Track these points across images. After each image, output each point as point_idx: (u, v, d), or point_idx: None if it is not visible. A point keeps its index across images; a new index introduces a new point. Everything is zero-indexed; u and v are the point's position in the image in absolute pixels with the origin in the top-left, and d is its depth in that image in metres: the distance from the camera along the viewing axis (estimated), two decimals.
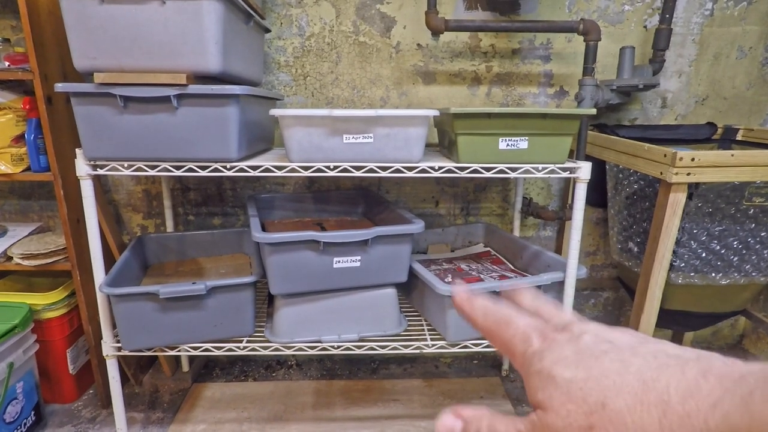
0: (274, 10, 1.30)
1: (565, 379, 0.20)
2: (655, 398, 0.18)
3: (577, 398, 0.19)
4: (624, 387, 0.18)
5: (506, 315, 0.25)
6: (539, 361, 0.21)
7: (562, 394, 0.20)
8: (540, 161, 0.98)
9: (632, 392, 0.18)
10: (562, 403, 0.19)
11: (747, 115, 1.42)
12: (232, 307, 1.02)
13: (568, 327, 0.23)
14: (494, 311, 0.25)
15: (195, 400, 1.36)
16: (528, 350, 0.22)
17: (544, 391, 0.20)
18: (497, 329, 0.24)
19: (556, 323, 0.24)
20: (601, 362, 0.20)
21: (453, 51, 1.34)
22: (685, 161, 0.90)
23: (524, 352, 0.23)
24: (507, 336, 0.24)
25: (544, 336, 0.23)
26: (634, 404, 0.18)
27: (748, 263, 1.08)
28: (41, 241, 1.27)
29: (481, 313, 0.26)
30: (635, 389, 0.18)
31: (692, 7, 1.33)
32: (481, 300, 0.26)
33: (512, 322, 0.24)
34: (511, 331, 0.24)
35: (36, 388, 1.21)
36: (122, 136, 0.92)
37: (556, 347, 0.21)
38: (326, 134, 0.92)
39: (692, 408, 0.17)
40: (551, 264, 1.13)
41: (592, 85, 1.19)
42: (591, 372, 0.19)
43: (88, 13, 0.85)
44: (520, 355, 0.23)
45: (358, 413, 1.31)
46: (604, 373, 0.19)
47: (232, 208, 1.45)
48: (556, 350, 0.21)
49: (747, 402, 0.16)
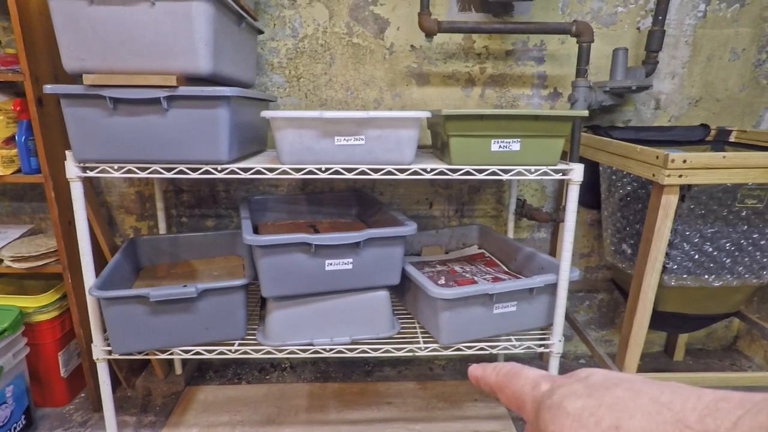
0: (267, 11, 1.30)
1: (577, 408, 0.20)
2: (671, 418, 0.17)
3: (590, 424, 0.19)
4: (637, 409, 0.18)
5: (517, 368, 0.27)
6: (549, 398, 0.22)
7: (574, 421, 0.19)
8: (532, 163, 0.98)
9: (646, 413, 0.18)
10: (574, 429, 0.19)
11: (740, 117, 1.43)
12: (223, 310, 1.02)
13: (575, 373, 0.23)
14: (505, 367, 0.27)
15: (188, 403, 1.35)
16: (537, 393, 0.23)
17: (554, 422, 0.20)
18: (508, 382, 0.26)
19: (562, 375, 0.25)
20: (612, 392, 0.20)
21: (446, 52, 1.34)
22: (677, 163, 0.90)
23: (534, 397, 0.23)
24: (518, 386, 0.25)
25: (552, 380, 0.24)
26: (648, 425, 0.17)
27: (740, 265, 1.08)
28: (32, 244, 1.26)
29: (493, 371, 0.27)
30: (649, 411, 0.18)
31: (685, 9, 1.33)
32: (492, 364, 0.28)
33: (522, 374, 0.26)
34: (521, 380, 0.25)
35: (26, 391, 1.20)
36: (112, 137, 0.91)
37: (565, 385, 0.22)
38: (317, 136, 0.92)
39: (710, 426, 0.16)
40: (545, 266, 1.13)
41: (585, 87, 1.19)
42: (603, 400, 0.19)
43: (77, 15, 0.85)
44: (530, 400, 0.24)
45: (352, 416, 1.30)
46: (617, 400, 0.19)
47: (226, 210, 1.44)
48: (565, 387, 0.22)
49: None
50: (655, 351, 1.65)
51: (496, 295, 1.00)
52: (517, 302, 1.04)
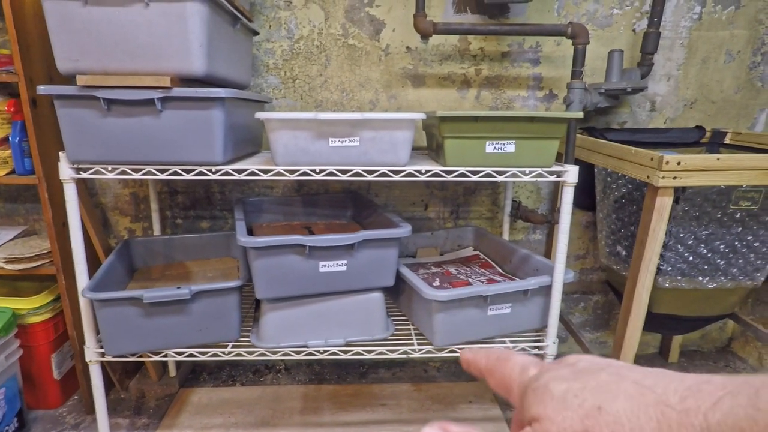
0: (263, 12, 1.29)
1: (561, 390, 0.20)
2: (653, 400, 0.18)
3: (573, 405, 0.19)
4: (620, 392, 0.19)
5: (506, 353, 0.27)
6: (535, 381, 0.22)
7: (558, 402, 0.20)
8: (527, 165, 0.98)
9: (629, 396, 0.18)
10: (558, 410, 0.20)
11: (735, 119, 1.43)
12: (217, 312, 1.01)
13: (563, 359, 0.24)
14: (495, 352, 0.28)
15: (182, 405, 1.34)
16: (525, 377, 0.24)
17: (539, 404, 0.21)
18: (497, 365, 0.26)
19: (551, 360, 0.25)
20: (596, 376, 0.20)
21: (442, 54, 1.34)
22: (672, 165, 0.90)
23: (521, 381, 0.24)
24: (506, 370, 0.26)
25: (540, 366, 0.24)
26: (630, 407, 0.18)
27: (734, 267, 1.08)
28: (26, 245, 1.26)
29: (483, 355, 0.28)
30: (632, 393, 0.18)
31: (680, 11, 1.33)
32: (483, 348, 0.29)
33: (511, 359, 0.26)
34: (510, 365, 0.26)
35: (19, 394, 1.19)
36: (106, 139, 0.91)
37: (552, 370, 0.22)
38: (312, 137, 0.92)
39: (691, 406, 0.17)
40: (539, 268, 1.13)
41: (580, 89, 1.19)
42: (587, 383, 0.20)
43: (71, 15, 0.84)
44: (517, 385, 0.24)
45: (346, 418, 1.30)
46: (600, 384, 0.20)
47: (221, 212, 1.44)
48: (552, 372, 0.22)
49: (752, 399, 0.16)
50: (650, 353, 1.66)
51: (491, 296, 1.00)
52: (512, 304, 1.04)
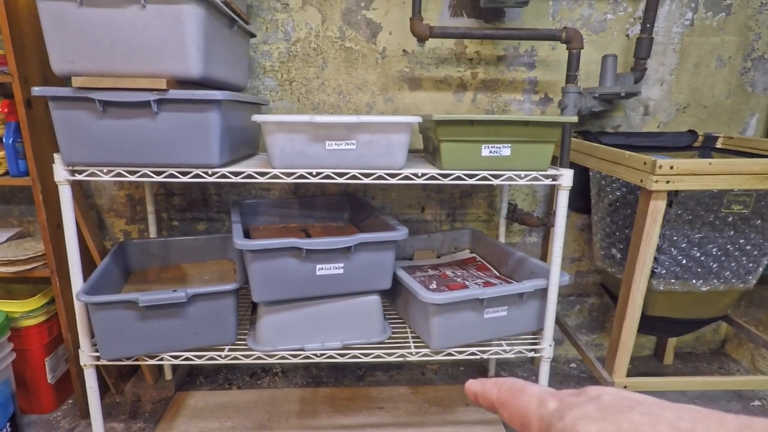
0: (260, 14, 1.30)
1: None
2: None
3: None
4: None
5: (520, 384, 0.25)
6: (560, 420, 0.20)
7: None
8: (523, 168, 0.99)
9: None
10: None
11: (727, 123, 1.45)
12: (213, 315, 1.01)
13: (584, 391, 0.22)
14: (507, 382, 0.25)
15: (178, 409, 1.34)
16: (545, 412, 0.22)
17: None
18: (511, 398, 0.24)
19: (569, 391, 0.24)
20: (629, 416, 0.18)
21: (439, 57, 1.35)
22: (665, 169, 0.91)
23: (541, 415, 0.22)
24: (522, 403, 0.23)
25: (560, 398, 0.22)
26: None
27: (727, 270, 1.09)
28: (20, 247, 1.25)
29: (493, 386, 0.26)
30: None
31: (673, 17, 1.35)
32: (493, 379, 0.27)
33: (526, 390, 0.24)
34: (526, 397, 0.23)
35: (12, 398, 1.18)
36: (101, 141, 0.90)
37: (576, 406, 0.20)
38: (308, 140, 0.92)
39: None
40: (535, 271, 1.13)
41: (575, 93, 1.20)
42: (620, 425, 0.18)
43: (66, 17, 0.84)
44: (536, 419, 0.22)
45: (344, 421, 1.30)
46: (634, 426, 0.18)
47: (217, 214, 1.43)
48: (577, 408, 0.20)
49: None
50: (644, 354, 1.67)
51: (487, 299, 1.00)
52: (508, 307, 1.05)
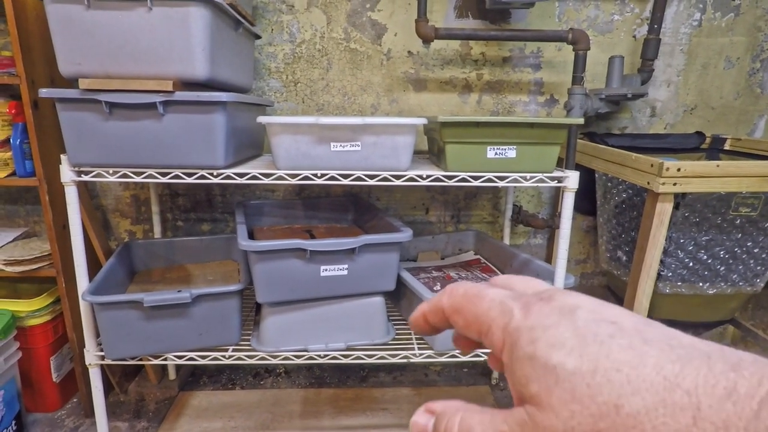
0: (265, 16, 1.30)
1: (567, 371, 0.16)
2: (681, 400, 0.14)
3: (584, 397, 0.16)
4: (642, 384, 0.15)
5: (475, 288, 0.21)
6: (530, 344, 0.18)
7: (564, 390, 0.16)
8: (528, 170, 0.98)
9: (652, 391, 0.15)
10: (564, 402, 0.16)
11: (735, 125, 1.43)
12: (217, 316, 1.01)
13: (553, 296, 0.19)
14: (460, 288, 0.22)
15: (181, 408, 1.34)
16: (510, 324, 0.19)
17: (539, 382, 0.17)
18: (468, 303, 0.21)
19: (534, 292, 0.20)
20: (608, 349, 0.16)
21: (444, 58, 1.35)
22: (672, 171, 0.90)
23: (505, 326, 0.19)
24: (481, 310, 0.20)
25: (526, 305, 0.19)
26: (655, 406, 0.15)
27: (734, 273, 1.08)
28: (26, 247, 1.26)
29: (442, 294, 0.22)
30: (656, 387, 0.15)
31: (680, 17, 1.34)
32: (439, 293, 0.23)
33: (484, 294, 0.21)
34: (485, 303, 0.20)
35: (18, 396, 1.19)
36: (108, 142, 0.91)
37: (548, 324, 0.18)
38: (313, 142, 0.92)
39: (730, 415, 0.14)
40: (540, 273, 1.13)
41: (581, 94, 1.20)
42: (599, 363, 0.16)
43: (73, 19, 0.85)
44: (499, 332, 0.19)
45: (347, 422, 1.29)
46: (615, 365, 0.16)
47: (222, 214, 1.44)
48: (550, 330, 0.17)
49: None
50: None
51: None
52: None
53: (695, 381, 0.15)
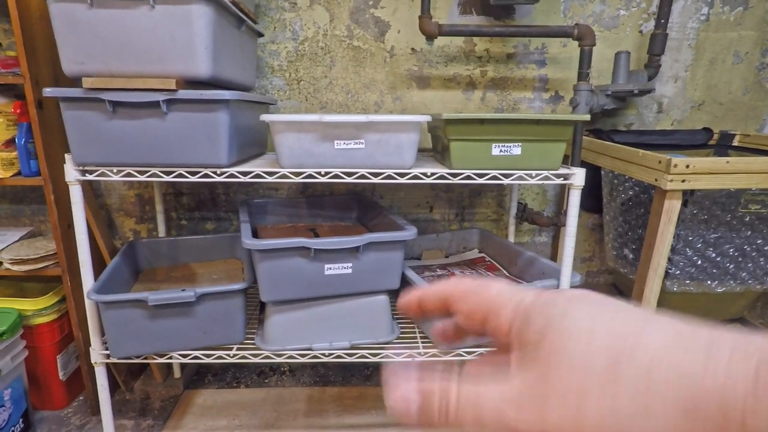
0: (268, 14, 1.29)
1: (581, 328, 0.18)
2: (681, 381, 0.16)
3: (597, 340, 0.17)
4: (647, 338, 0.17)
5: (485, 279, 0.23)
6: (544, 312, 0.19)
7: (578, 343, 0.17)
8: (533, 167, 0.97)
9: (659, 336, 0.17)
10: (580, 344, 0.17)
11: (743, 121, 1.42)
12: (222, 314, 1.01)
13: (562, 291, 0.21)
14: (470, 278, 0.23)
15: (186, 407, 1.34)
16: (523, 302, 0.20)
17: (558, 333, 0.18)
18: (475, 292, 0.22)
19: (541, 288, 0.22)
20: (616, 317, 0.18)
21: (447, 55, 1.34)
22: (680, 168, 0.89)
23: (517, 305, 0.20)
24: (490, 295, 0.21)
25: (538, 292, 0.20)
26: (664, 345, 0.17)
27: (744, 271, 1.07)
28: (32, 246, 1.26)
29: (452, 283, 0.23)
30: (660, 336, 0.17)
31: (688, 12, 1.32)
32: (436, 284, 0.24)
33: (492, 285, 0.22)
34: (493, 290, 0.21)
35: (25, 394, 1.19)
36: (111, 141, 0.91)
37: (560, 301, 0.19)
38: (317, 140, 0.91)
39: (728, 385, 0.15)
40: (546, 271, 1.12)
41: (587, 90, 1.18)
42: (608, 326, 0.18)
43: (76, 18, 0.85)
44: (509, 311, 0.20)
45: (351, 421, 1.29)
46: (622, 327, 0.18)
47: (226, 213, 1.44)
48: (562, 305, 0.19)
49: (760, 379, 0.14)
50: None
51: None
52: None
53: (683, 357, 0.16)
